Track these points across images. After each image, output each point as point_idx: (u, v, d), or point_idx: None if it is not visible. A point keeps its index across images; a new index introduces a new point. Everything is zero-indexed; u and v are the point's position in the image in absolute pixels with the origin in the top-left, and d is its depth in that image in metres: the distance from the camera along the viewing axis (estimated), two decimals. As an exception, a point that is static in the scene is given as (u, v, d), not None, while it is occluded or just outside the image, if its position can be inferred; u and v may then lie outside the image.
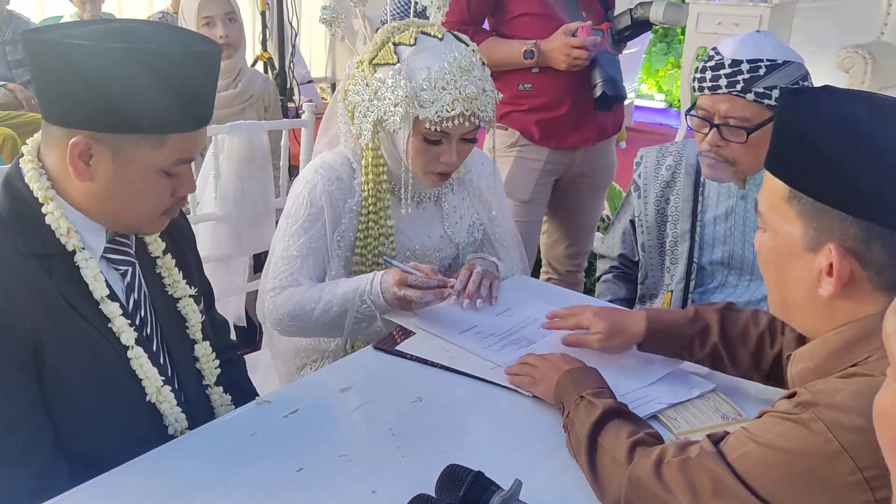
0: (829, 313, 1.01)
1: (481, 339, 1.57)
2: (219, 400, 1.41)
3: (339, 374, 1.50)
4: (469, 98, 1.58)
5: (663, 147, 2.05)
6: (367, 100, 1.63)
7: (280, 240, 1.74)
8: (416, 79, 1.57)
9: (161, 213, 1.24)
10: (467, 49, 1.63)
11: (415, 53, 1.60)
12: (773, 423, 0.98)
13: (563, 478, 1.19)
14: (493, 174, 1.92)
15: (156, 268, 1.35)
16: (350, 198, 1.72)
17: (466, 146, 1.67)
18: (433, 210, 1.83)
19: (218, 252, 2.31)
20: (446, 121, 1.58)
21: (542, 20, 2.38)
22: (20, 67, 4.61)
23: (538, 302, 1.72)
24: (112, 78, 1.09)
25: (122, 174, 1.16)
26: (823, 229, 0.97)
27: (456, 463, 1.05)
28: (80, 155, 1.13)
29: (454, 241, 1.84)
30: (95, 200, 1.18)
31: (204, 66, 1.19)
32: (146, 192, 1.19)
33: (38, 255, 1.15)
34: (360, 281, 1.64)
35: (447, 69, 1.57)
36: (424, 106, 1.57)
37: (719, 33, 4.85)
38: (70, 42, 1.09)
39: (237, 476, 1.17)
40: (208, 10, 2.95)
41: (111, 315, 1.21)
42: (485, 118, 1.63)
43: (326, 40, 7.02)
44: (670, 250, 1.97)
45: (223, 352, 1.50)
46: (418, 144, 1.62)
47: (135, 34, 1.14)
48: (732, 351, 1.39)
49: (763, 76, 1.68)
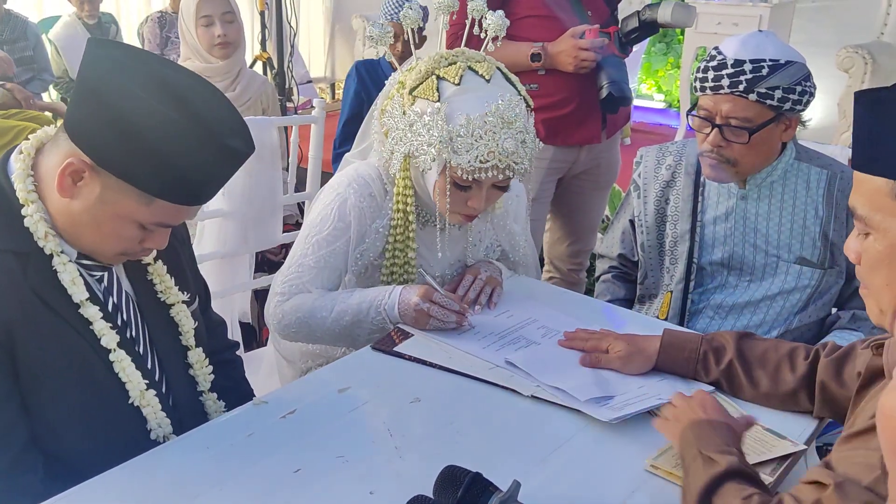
0: None
1: (479, 340, 1.56)
2: (213, 406, 1.41)
3: (336, 374, 1.49)
4: (506, 153, 1.51)
5: (663, 147, 2.04)
6: (403, 129, 1.57)
7: (300, 245, 1.70)
8: (455, 122, 1.51)
9: (120, 253, 1.23)
10: (514, 97, 1.56)
11: (457, 94, 1.53)
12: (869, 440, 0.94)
13: (561, 479, 1.18)
14: (519, 196, 1.88)
15: (147, 274, 1.34)
16: (379, 219, 1.68)
17: (496, 193, 1.62)
18: (457, 236, 1.78)
19: (224, 249, 2.31)
20: (479, 171, 1.53)
21: (547, 22, 2.37)
22: (19, 67, 4.60)
23: (537, 303, 1.71)
24: (134, 130, 1.09)
25: (102, 209, 1.16)
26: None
27: (454, 464, 1.05)
28: (71, 174, 1.13)
29: (470, 263, 1.81)
30: (65, 216, 1.18)
31: (230, 161, 1.18)
32: (115, 234, 1.19)
33: (15, 252, 1.15)
34: (377, 292, 1.61)
35: (488, 120, 1.51)
36: (458, 153, 1.51)
37: (719, 33, 4.85)
38: (122, 85, 1.09)
39: (234, 477, 1.16)
40: (206, 10, 2.94)
41: (92, 318, 1.20)
42: (520, 171, 1.57)
43: (325, 40, 7.02)
44: (670, 250, 1.97)
45: (220, 352, 1.49)
46: (447, 186, 1.57)
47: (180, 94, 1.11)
48: (749, 369, 1.37)
49: (766, 76, 1.68)
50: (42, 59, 4.80)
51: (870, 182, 0.98)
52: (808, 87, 1.71)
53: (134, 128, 1.09)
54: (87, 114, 1.12)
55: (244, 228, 2.33)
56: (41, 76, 4.75)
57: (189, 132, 1.11)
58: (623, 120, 2.62)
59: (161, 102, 1.09)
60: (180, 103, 1.10)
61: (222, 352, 1.52)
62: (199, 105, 1.12)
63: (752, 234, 1.86)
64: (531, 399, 1.37)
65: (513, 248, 1.88)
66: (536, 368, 1.45)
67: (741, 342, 1.41)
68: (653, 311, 1.98)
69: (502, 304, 1.70)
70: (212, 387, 1.41)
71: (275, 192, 2.36)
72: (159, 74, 1.11)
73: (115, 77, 1.10)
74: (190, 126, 1.10)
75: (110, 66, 1.10)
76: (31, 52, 4.69)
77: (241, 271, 2.46)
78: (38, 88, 4.66)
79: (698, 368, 1.42)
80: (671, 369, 1.45)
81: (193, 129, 1.11)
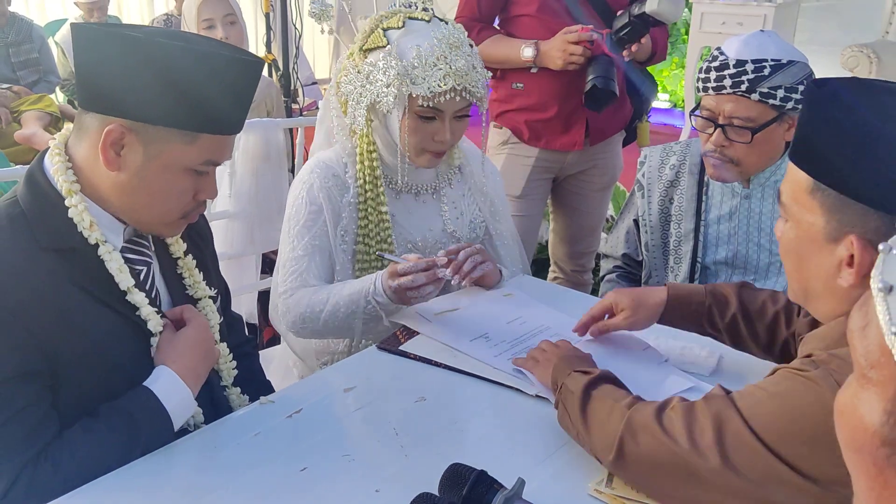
0: (847, 302, 1.02)
1: (490, 348, 1.54)
2: (237, 401, 1.43)
3: (342, 373, 1.50)
4: (460, 73, 1.60)
5: (667, 147, 2.05)
6: (360, 86, 1.66)
7: (285, 242, 1.75)
8: (407, 57, 1.60)
9: (180, 215, 1.26)
10: (454, 27, 1.66)
11: (404, 34, 1.63)
12: (785, 377, 1.00)
13: (566, 477, 1.19)
14: (494, 171, 1.93)
15: (177, 268, 1.37)
16: (346, 192, 1.73)
17: (459, 124, 1.69)
18: (432, 203, 1.83)
19: (231, 250, 2.32)
20: (439, 96, 1.60)
21: (541, 21, 2.38)
22: (24, 69, 4.63)
23: (549, 310, 1.69)
24: (159, 70, 1.12)
25: (150, 167, 1.18)
26: (845, 221, 0.98)
27: (459, 462, 1.05)
28: (112, 143, 1.15)
29: (456, 235, 1.84)
30: (120, 193, 1.20)
31: (248, 73, 1.22)
32: (170, 189, 1.21)
33: (59, 249, 1.17)
34: (364, 282, 1.64)
35: (437, 45, 1.60)
36: (416, 83, 1.59)
37: (723, 33, 4.85)
38: (124, 32, 1.14)
39: (241, 476, 1.17)
40: (208, 13, 2.95)
41: (139, 304, 1.23)
42: (476, 94, 1.65)
43: (330, 42, 7.02)
44: (674, 250, 1.97)
45: (239, 346, 1.51)
46: (412, 123, 1.64)
47: (186, 37, 1.19)
48: (751, 324, 1.39)
49: (768, 76, 1.68)
50: (48, 60, 4.82)
51: (796, 173, 1.04)
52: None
53: (154, 69, 1.12)
54: (97, 76, 1.15)
55: (250, 229, 2.34)
56: (47, 78, 4.77)
57: (205, 59, 1.15)
58: (619, 124, 2.60)
59: (170, 38, 1.14)
60: (184, 40, 1.17)
61: (241, 346, 1.54)
62: (198, 40, 1.20)
63: (755, 233, 1.87)
64: (535, 398, 1.38)
65: (493, 217, 1.90)
66: None
67: (742, 293, 1.42)
68: (657, 310, 1.98)
69: (513, 312, 1.68)
70: (234, 381, 1.43)
71: (281, 194, 2.38)
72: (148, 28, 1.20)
73: (114, 38, 1.14)
74: (203, 54, 1.15)
75: (105, 33, 1.14)
76: (36, 53, 4.71)
77: (248, 272, 2.48)
78: (44, 90, 4.67)
79: (704, 324, 1.44)
80: (677, 323, 1.47)
81: (207, 56, 1.15)
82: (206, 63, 1.15)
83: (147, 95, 1.13)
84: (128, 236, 1.26)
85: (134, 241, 1.28)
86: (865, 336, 0.49)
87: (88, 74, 1.16)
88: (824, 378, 0.95)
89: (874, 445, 0.48)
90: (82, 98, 1.19)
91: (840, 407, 0.52)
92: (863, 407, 0.49)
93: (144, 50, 1.12)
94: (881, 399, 0.48)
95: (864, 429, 0.49)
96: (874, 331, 0.47)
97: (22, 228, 1.16)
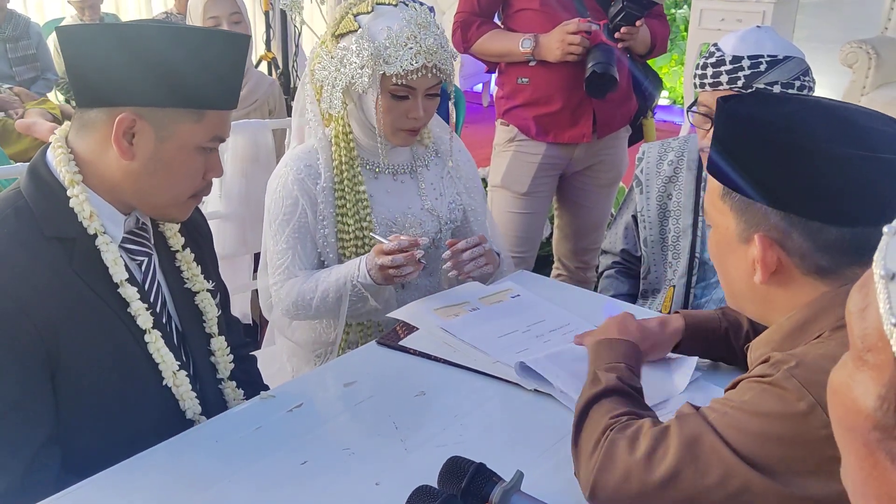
0: (768, 300, 1.07)
1: (512, 344, 1.54)
2: (232, 394, 1.43)
3: (342, 368, 1.51)
4: (430, 50, 1.65)
5: (665, 142, 2.06)
6: (334, 70, 1.70)
7: (269, 237, 1.79)
8: (379, 38, 1.65)
9: (190, 195, 1.28)
10: (422, 8, 1.72)
11: (374, 18, 1.68)
12: (748, 387, 1.01)
13: (564, 470, 1.19)
14: (470, 161, 1.97)
15: (175, 261, 1.38)
16: (319, 179, 1.76)
17: (431, 102, 1.74)
18: (410, 182, 1.86)
19: (223, 251, 2.33)
20: (411, 74, 1.65)
21: (544, 14, 2.39)
22: (22, 65, 4.62)
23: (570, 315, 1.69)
24: (145, 54, 1.15)
25: (164, 150, 1.21)
26: (751, 221, 1.04)
27: (458, 455, 1.06)
28: (124, 133, 1.17)
29: (435, 213, 1.87)
30: (134, 180, 1.22)
31: (236, 48, 1.25)
32: (182, 170, 1.24)
33: (61, 238, 1.18)
34: (349, 266, 1.69)
35: (406, 26, 1.65)
36: (389, 62, 1.64)
37: (722, 29, 4.85)
38: (105, 25, 1.18)
39: (242, 470, 1.18)
40: (214, 11, 2.96)
41: (129, 299, 1.23)
42: (446, 72, 1.71)
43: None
44: (672, 245, 1.98)
45: (237, 348, 1.52)
46: (386, 102, 1.69)
47: (166, 22, 1.23)
48: None
49: (764, 72, 1.69)
50: (45, 57, 4.82)
51: (712, 182, 1.10)
52: (806, 81, 1.72)
53: (140, 53, 1.15)
54: (97, 71, 1.17)
55: (242, 230, 2.35)
56: (45, 75, 4.77)
57: (181, 35, 1.19)
58: (624, 118, 2.61)
59: (159, 23, 1.19)
60: (168, 26, 1.20)
61: (239, 348, 1.55)
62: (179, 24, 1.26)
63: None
64: (534, 392, 1.39)
65: (470, 194, 1.94)
66: (551, 372, 1.40)
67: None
68: (656, 305, 1.99)
69: (536, 315, 1.68)
70: (230, 376, 1.44)
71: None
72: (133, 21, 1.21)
73: (97, 33, 1.17)
74: (178, 30, 1.19)
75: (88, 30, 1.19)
76: (34, 50, 4.71)
77: (242, 272, 2.48)
78: (42, 88, 4.67)
79: (721, 349, 1.44)
80: (694, 351, 1.45)
81: (182, 31, 1.19)
82: (184, 38, 1.19)
83: (147, 80, 1.16)
84: (128, 227, 1.27)
85: (135, 232, 1.29)
86: (864, 318, 0.49)
87: (83, 72, 1.18)
88: (786, 379, 0.96)
89: (866, 428, 0.49)
90: (81, 97, 1.20)
91: (834, 386, 0.52)
92: (857, 389, 0.50)
93: (125, 36, 1.16)
94: (876, 383, 0.48)
95: (858, 410, 0.49)
96: (873, 313, 0.48)
97: (27, 219, 1.17)
